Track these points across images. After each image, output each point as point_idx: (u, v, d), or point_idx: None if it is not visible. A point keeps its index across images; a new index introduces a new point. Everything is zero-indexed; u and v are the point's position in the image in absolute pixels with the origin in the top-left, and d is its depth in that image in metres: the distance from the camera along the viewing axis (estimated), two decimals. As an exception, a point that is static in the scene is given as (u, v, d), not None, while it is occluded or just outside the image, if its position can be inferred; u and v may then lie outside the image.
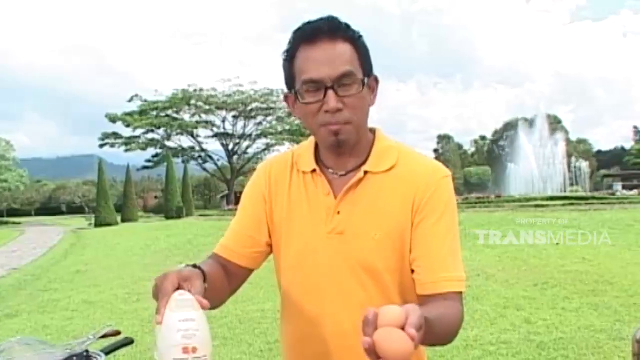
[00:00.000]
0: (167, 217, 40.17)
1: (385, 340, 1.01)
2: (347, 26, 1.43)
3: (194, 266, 1.31)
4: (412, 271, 1.47)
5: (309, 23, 1.44)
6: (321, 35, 1.39)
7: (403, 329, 1.02)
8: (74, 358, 1.83)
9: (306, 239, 1.53)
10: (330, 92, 1.38)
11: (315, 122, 1.44)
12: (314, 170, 1.54)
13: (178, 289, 1.16)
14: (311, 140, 1.60)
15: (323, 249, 1.50)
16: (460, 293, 1.44)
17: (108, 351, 2.00)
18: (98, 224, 36.87)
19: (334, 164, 1.54)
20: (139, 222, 38.83)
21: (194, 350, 1.09)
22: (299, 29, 1.44)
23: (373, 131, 1.58)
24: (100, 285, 11.00)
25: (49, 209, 79.72)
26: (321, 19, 1.44)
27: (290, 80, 1.47)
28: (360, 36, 1.45)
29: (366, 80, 1.43)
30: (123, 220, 39.40)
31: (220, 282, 1.45)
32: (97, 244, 21.59)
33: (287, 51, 1.46)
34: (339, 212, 1.49)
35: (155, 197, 68.00)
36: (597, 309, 7.06)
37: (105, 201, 38.46)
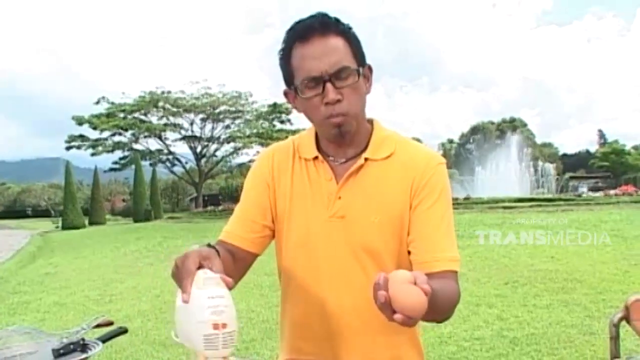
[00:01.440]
0: (136, 220, 39.76)
1: (402, 294, 1.08)
2: (337, 20, 1.51)
3: (209, 245, 1.34)
4: (409, 252, 1.54)
5: (300, 21, 1.51)
6: (314, 32, 1.46)
7: None
8: (71, 346, 1.86)
9: (308, 223, 1.58)
10: (329, 85, 1.45)
11: (317, 115, 1.51)
12: (316, 157, 1.60)
13: (199, 267, 1.20)
14: (311, 129, 1.66)
15: (325, 232, 1.56)
16: (456, 272, 1.51)
17: (104, 340, 2.03)
18: (65, 227, 36.34)
19: (335, 152, 1.60)
20: (107, 225, 38.44)
21: (224, 326, 1.12)
22: (291, 28, 1.52)
23: (370, 121, 1.64)
24: (71, 287, 10.87)
25: (14, 212, 78.28)
26: (312, 17, 1.51)
27: (288, 77, 1.54)
28: (350, 28, 1.52)
29: (361, 70, 1.50)
30: (90, 223, 38.96)
31: (229, 267, 1.47)
32: (66, 246, 21.31)
33: (282, 50, 1.53)
34: (340, 197, 1.56)
35: (123, 200, 67.38)
36: (567, 306, 7.20)
37: (72, 204, 38.01)
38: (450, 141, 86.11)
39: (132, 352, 6.20)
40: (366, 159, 1.56)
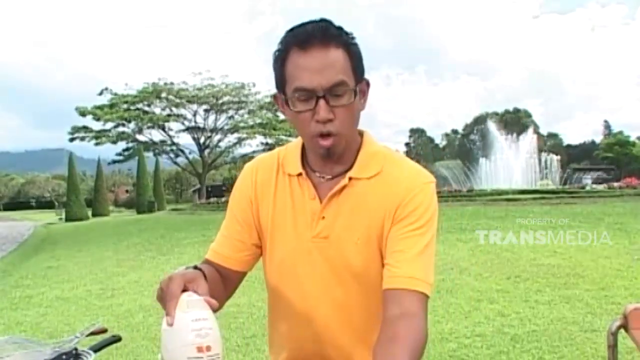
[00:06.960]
0: (139, 212, 39.95)
1: None
2: (340, 30, 1.42)
3: (195, 267, 1.33)
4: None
5: (301, 26, 1.42)
6: (314, 41, 1.37)
7: None
8: (63, 356, 1.84)
9: (291, 243, 1.56)
10: (322, 102, 1.38)
11: (306, 131, 1.45)
12: (300, 174, 1.55)
13: (184, 290, 1.20)
14: (298, 142, 1.61)
15: (308, 252, 1.54)
16: (425, 296, 1.40)
17: (97, 349, 2.02)
18: (68, 219, 36.51)
19: (321, 168, 1.55)
20: (110, 217, 38.53)
21: (208, 348, 1.12)
22: (291, 30, 1.43)
23: (361, 134, 1.58)
24: (74, 280, 10.89)
25: (18, 203, 78.71)
26: (314, 22, 1.42)
27: (280, 82, 1.46)
28: (354, 39, 1.44)
29: (358, 88, 1.43)
30: (94, 215, 39.14)
31: (218, 287, 1.47)
32: (68, 239, 21.35)
33: (278, 52, 1.44)
34: (323, 217, 1.52)
35: (126, 191, 67.55)
36: (569, 302, 7.17)
37: (75, 195, 38.20)
38: (455, 132, 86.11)
39: (134, 347, 6.19)
40: (350, 178, 1.51)
